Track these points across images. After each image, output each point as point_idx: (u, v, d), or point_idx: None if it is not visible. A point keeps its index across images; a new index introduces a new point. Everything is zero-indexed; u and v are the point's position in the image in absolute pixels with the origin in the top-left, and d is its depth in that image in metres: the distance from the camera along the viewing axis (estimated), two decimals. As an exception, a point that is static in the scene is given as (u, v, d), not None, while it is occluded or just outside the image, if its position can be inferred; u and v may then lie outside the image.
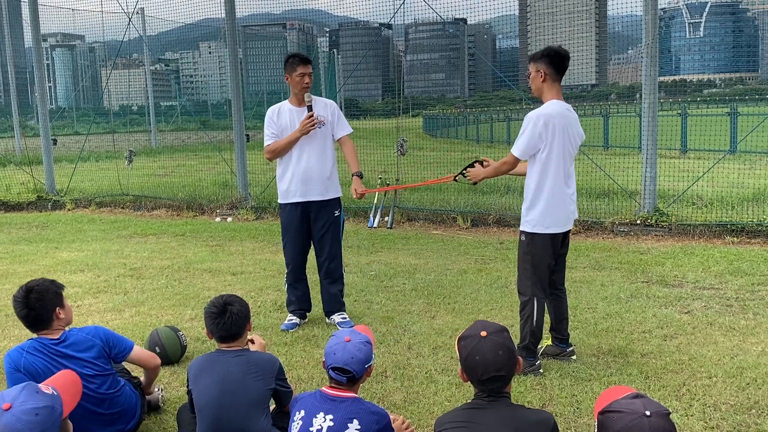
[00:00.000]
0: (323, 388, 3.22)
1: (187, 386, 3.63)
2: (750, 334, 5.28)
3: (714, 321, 5.60)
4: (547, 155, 4.56)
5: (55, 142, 15.11)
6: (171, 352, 5.05)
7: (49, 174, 14.44)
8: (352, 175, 5.77)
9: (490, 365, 2.67)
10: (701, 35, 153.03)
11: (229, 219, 11.67)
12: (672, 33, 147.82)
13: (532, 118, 4.55)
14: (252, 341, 4.03)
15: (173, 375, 4.86)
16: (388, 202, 11.27)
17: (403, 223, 10.82)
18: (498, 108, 42.57)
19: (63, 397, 2.77)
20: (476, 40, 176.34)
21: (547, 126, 4.52)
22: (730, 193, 10.56)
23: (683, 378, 4.51)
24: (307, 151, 5.65)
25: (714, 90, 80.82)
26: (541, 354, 4.90)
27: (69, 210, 13.35)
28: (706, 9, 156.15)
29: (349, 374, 3.14)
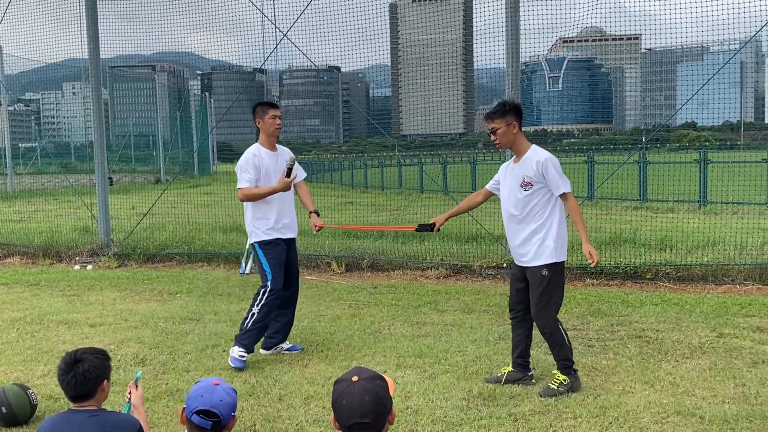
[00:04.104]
0: None
1: (35, 451, 3.33)
2: (611, 373, 5.49)
3: (577, 362, 5.77)
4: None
5: None
6: (19, 411, 4.67)
7: None
8: (310, 213, 6.27)
9: (355, 411, 2.60)
10: (560, 88, 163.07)
11: (89, 267, 11.05)
12: (534, 85, 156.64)
13: (552, 159, 5.02)
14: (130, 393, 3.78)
15: (19, 439, 4.46)
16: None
17: (275, 269, 10.62)
18: (372, 154, 43.31)
19: None
20: (350, 87, 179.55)
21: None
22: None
23: (550, 419, 4.60)
24: (288, 194, 6.15)
25: (573, 140, 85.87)
26: (504, 381, 5.23)
27: None
28: (564, 64, 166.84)
29: (215, 418, 2.99)
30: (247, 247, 10.90)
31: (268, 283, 6.01)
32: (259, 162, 5.99)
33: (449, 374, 5.52)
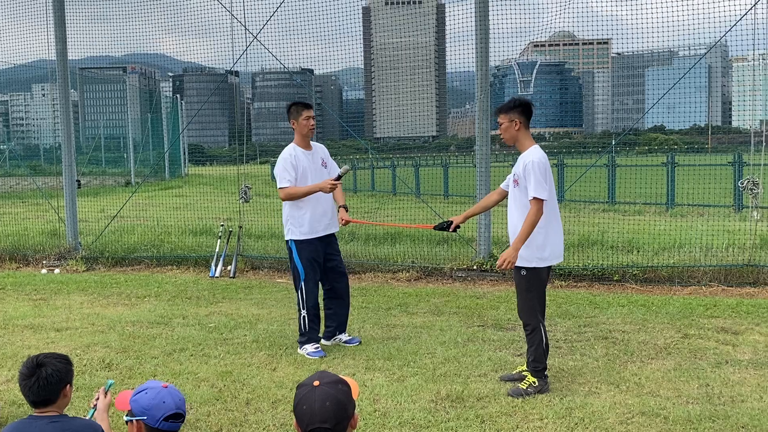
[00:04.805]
0: None
1: (-5, 458, 3.27)
2: (578, 374, 5.54)
3: (545, 362, 5.83)
4: (549, 195, 5.02)
5: None
6: (-20, 419, 4.58)
7: None
8: (339, 207, 6.41)
9: (315, 416, 2.60)
10: (531, 92, 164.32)
11: (57, 270, 10.90)
12: (505, 89, 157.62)
13: (540, 163, 4.98)
14: (98, 399, 3.72)
15: (-19, 446, 4.38)
16: (231, 250, 10.99)
17: (246, 271, 10.58)
18: (345, 156, 43.24)
19: None
20: (323, 90, 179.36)
21: (548, 169, 5.03)
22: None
23: (516, 421, 4.63)
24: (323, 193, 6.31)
25: (544, 143, 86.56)
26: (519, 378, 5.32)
27: None
28: (536, 68, 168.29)
29: (181, 418, 3.02)
30: (217, 249, 10.83)
31: (302, 283, 6.26)
32: (296, 161, 6.18)
33: (418, 376, 5.53)
